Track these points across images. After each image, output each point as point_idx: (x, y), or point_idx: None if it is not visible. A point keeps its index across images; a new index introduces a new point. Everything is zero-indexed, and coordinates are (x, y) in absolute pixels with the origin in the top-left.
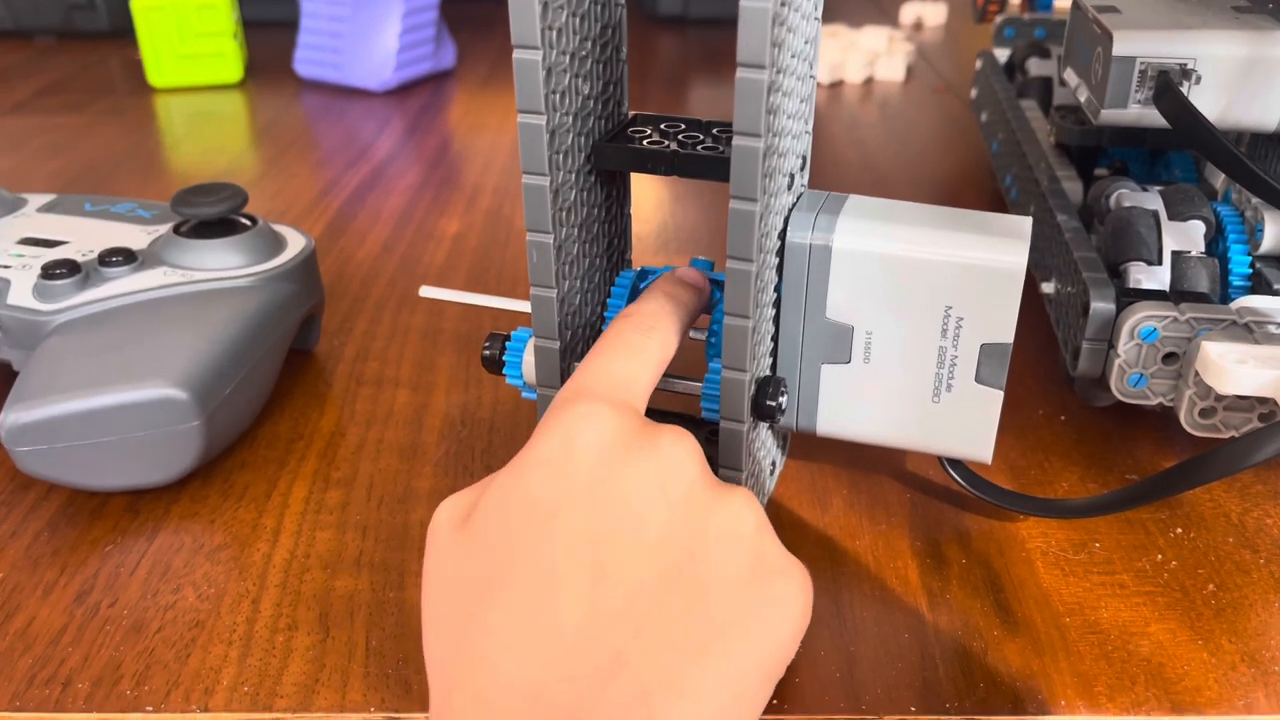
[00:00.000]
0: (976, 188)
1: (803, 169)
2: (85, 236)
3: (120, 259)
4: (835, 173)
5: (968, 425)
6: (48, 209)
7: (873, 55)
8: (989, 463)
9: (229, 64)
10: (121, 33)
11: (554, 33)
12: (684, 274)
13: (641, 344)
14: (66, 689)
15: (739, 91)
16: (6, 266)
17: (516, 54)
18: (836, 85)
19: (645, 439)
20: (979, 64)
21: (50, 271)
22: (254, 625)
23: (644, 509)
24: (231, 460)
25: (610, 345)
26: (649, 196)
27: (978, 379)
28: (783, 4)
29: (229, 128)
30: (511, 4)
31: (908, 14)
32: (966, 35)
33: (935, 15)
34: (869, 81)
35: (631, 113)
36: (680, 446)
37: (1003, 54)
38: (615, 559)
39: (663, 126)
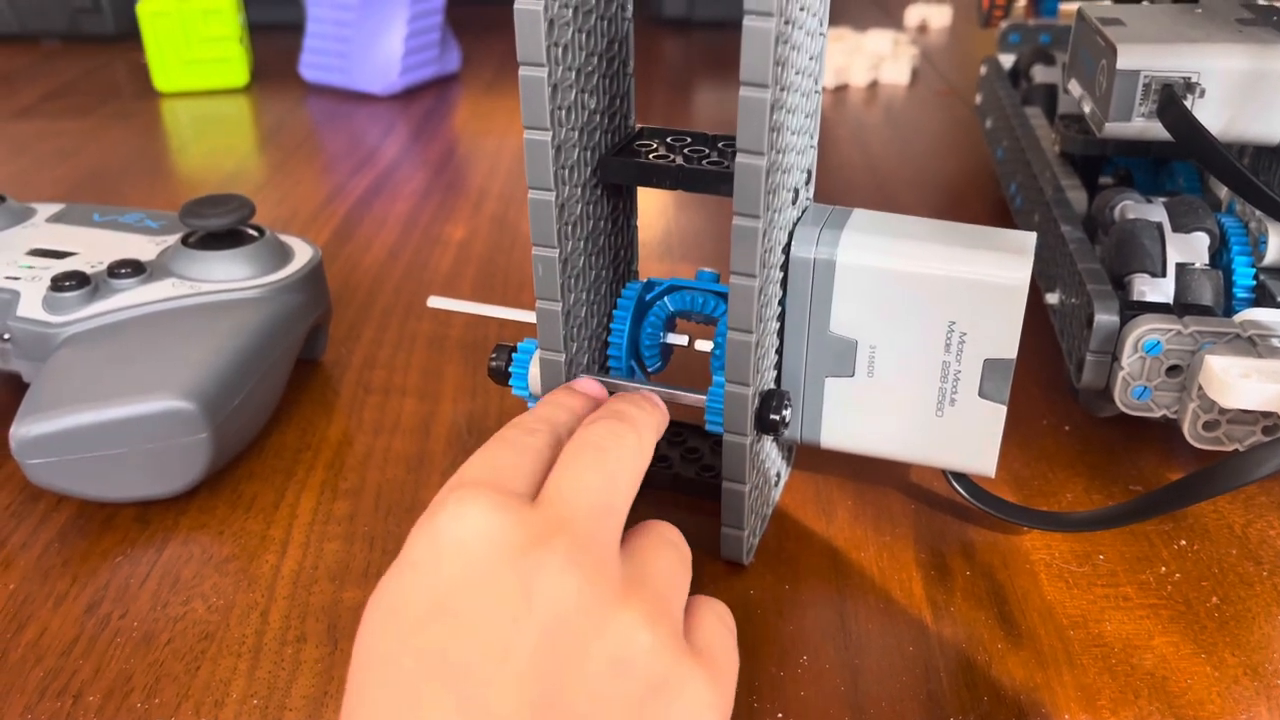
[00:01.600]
0: (981, 193)
1: (808, 183)
2: (94, 247)
3: (129, 270)
4: (840, 176)
5: (971, 439)
6: (56, 219)
7: (877, 58)
8: (992, 476)
9: (235, 68)
10: (127, 36)
11: (560, 49)
12: (579, 385)
13: (524, 440)
14: (78, 701)
15: (742, 109)
16: (16, 278)
17: (522, 71)
18: (841, 89)
19: (524, 543)
20: (983, 70)
21: (60, 284)
22: (263, 637)
23: (511, 631)
24: (240, 470)
25: (490, 441)
26: (652, 205)
27: (981, 393)
28: (787, 22)
29: (235, 132)
30: (517, 22)
31: (912, 16)
32: (972, 38)
33: (940, 17)
34: (874, 85)
35: (638, 126)
36: (562, 553)
37: (1008, 60)
38: (479, 689)
39: (669, 140)
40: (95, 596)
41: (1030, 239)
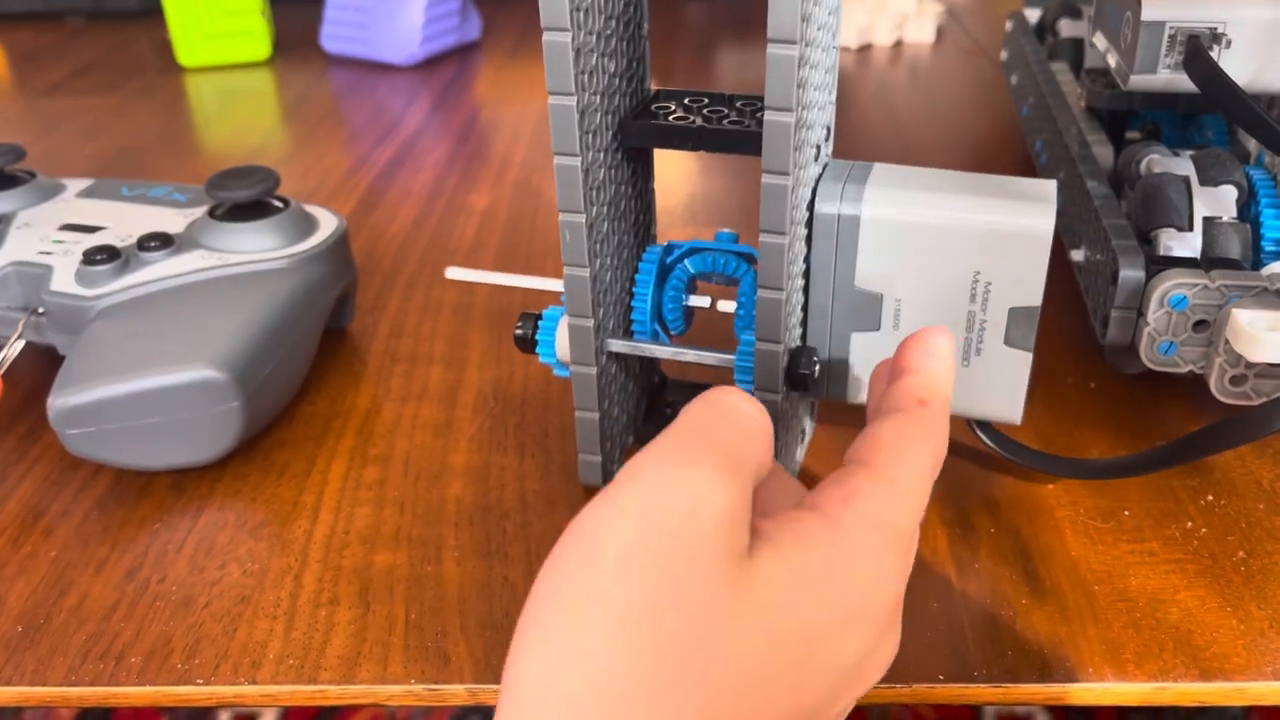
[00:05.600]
0: (1008, 152)
1: (827, 139)
2: (123, 221)
3: (158, 243)
4: (864, 138)
5: (998, 387)
6: (86, 194)
7: (901, 17)
8: (1019, 424)
9: (257, 41)
10: (150, 12)
11: (582, 13)
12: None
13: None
14: (120, 663)
15: (770, 66)
16: (49, 253)
17: (546, 36)
18: (865, 49)
19: None
20: (1009, 25)
21: (91, 258)
22: (297, 600)
23: None
24: (271, 439)
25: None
26: (675, 169)
27: (1007, 341)
28: None
29: (259, 105)
30: None
31: None
32: None
33: None
34: (898, 44)
35: (655, 88)
36: None
37: (1033, 15)
38: None
39: (686, 101)
40: (134, 562)
41: (1051, 186)
